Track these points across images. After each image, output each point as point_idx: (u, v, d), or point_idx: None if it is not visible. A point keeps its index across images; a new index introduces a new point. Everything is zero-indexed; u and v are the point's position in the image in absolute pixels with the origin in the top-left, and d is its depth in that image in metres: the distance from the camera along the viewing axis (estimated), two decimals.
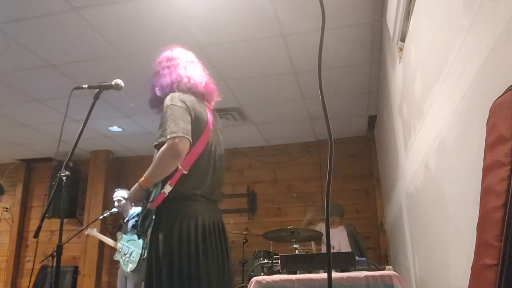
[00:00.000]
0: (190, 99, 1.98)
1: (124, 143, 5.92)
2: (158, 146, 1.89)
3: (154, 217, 1.91)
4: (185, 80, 2.03)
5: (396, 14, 2.35)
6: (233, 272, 2.09)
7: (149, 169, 1.89)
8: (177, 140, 1.80)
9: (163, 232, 1.86)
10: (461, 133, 1.42)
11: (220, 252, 1.95)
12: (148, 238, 1.96)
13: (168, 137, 1.81)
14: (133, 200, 1.97)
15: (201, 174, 1.96)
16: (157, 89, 2.05)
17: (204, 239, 1.88)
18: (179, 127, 1.83)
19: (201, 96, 2.08)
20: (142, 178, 1.90)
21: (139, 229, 1.92)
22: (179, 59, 2.11)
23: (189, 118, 1.91)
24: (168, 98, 1.94)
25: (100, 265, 5.72)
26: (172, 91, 2.00)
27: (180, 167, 1.86)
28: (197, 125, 1.95)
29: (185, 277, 1.78)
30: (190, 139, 1.85)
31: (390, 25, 2.56)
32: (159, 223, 1.90)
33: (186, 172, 1.88)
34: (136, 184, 1.93)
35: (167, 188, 1.86)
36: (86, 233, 5.06)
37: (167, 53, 2.15)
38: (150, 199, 1.87)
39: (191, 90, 2.03)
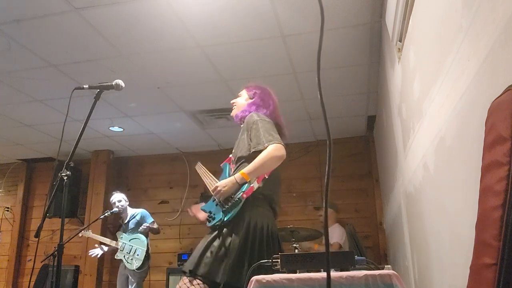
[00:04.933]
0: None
1: (125, 143, 5.92)
2: (255, 154, 2.13)
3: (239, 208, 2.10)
4: (276, 116, 2.39)
5: (395, 15, 2.36)
6: None
7: (251, 166, 2.10)
8: (280, 145, 2.11)
9: (246, 223, 2.08)
10: (460, 133, 1.42)
11: None
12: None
13: (270, 143, 2.09)
14: (226, 193, 2.12)
15: (276, 183, 2.27)
16: (254, 107, 2.37)
17: (268, 243, 2.12)
18: (275, 136, 2.14)
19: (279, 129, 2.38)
20: (241, 173, 2.10)
21: (223, 218, 2.10)
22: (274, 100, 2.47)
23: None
24: (253, 114, 2.26)
25: (101, 264, 5.72)
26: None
27: None
28: None
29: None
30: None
31: (389, 25, 2.57)
32: (242, 215, 2.11)
33: (267, 177, 2.18)
34: (231, 178, 2.14)
35: (256, 184, 2.12)
36: (80, 235, 4.97)
37: (266, 89, 2.51)
38: (244, 189, 2.09)
39: (275, 121, 2.35)
